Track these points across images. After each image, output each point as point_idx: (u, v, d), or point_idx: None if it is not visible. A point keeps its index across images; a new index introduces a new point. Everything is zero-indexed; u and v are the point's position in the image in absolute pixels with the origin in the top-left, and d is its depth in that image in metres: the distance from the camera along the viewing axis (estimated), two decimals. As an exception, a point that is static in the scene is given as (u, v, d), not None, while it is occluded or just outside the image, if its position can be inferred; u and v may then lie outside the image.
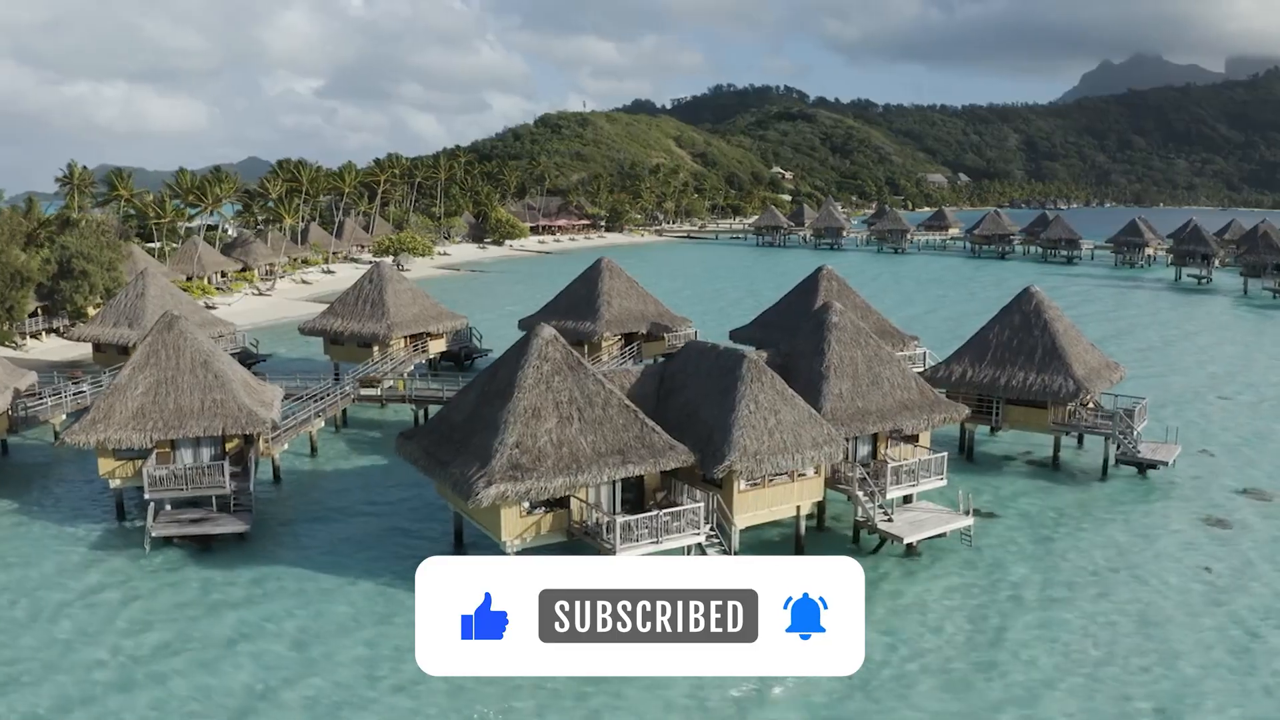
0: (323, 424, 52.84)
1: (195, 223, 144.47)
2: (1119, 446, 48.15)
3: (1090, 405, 51.52)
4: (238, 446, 43.19)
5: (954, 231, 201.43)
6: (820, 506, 41.05)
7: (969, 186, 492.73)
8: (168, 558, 38.62)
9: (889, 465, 38.13)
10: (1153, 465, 48.19)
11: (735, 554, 35.93)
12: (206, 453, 42.76)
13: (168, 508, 41.13)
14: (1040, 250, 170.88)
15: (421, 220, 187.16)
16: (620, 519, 32.23)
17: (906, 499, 40.20)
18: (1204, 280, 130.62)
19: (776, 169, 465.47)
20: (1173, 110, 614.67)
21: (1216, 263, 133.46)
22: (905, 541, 36.63)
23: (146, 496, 40.15)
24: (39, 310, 79.52)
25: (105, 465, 42.25)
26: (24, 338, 78.08)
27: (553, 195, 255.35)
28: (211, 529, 39.35)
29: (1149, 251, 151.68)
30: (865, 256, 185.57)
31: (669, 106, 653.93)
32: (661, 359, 60.59)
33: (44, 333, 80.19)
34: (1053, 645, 31.40)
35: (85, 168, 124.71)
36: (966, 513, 38.63)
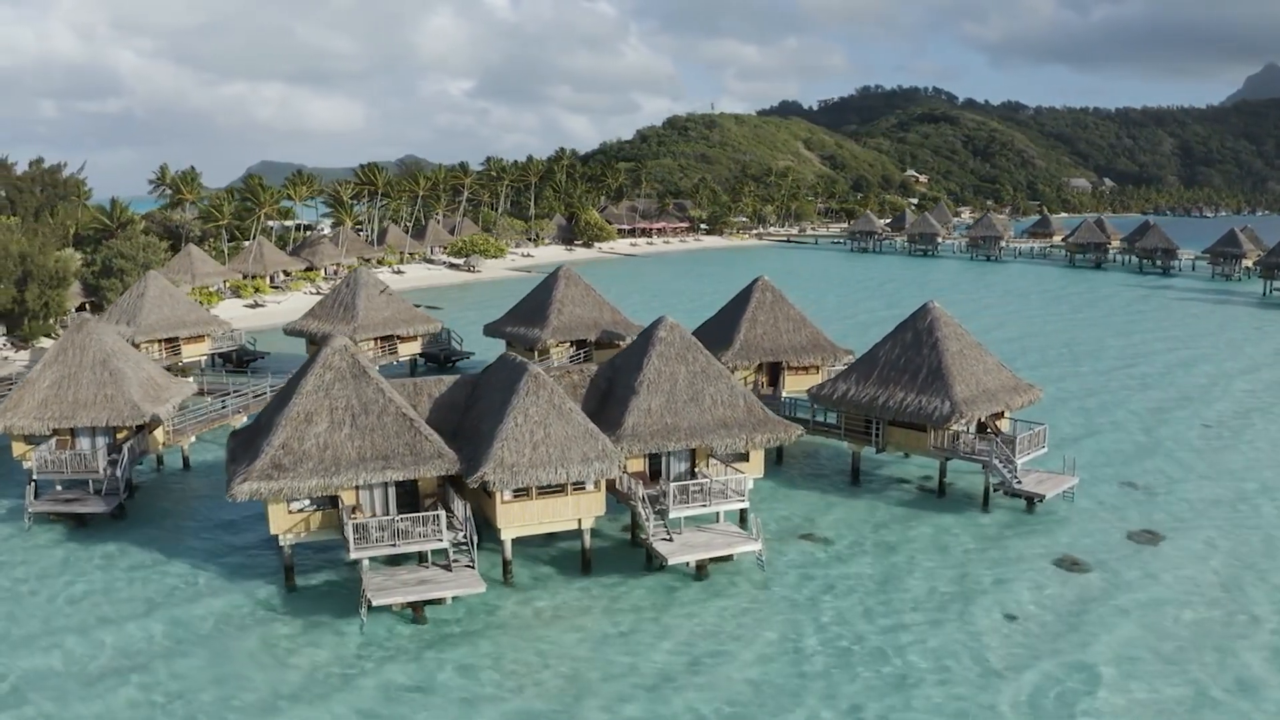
0: (245, 419, 56.84)
1: (290, 222, 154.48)
2: (999, 476, 46.24)
3: (992, 430, 49.89)
4: (128, 436, 47.53)
5: (1056, 239, 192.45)
6: (633, 519, 41.72)
7: (1112, 191, 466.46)
8: (44, 532, 43.52)
9: (673, 485, 38.42)
10: (1029, 497, 46.15)
11: (507, 562, 37.36)
12: (102, 441, 47.30)
13: (58, 488, 46.02)
14: (1137, 260, 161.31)
15: (510, 222, 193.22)
16: (355, 521, 34.17)
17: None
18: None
19: (911, 172, 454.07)
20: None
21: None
22: (671, 562, 36.92)
23: (34, 477, 44.98)
24: (85, 305, 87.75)
25: (18, 449, 47.31)
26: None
27: (651, 198, 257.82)
28: (78, 508, 43.78)
29: (1246, 263, 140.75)
30: (957, 264, 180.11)
31: (815, 108, 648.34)
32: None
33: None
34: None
35: (194, 168, 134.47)
36: (756, 537, 38.48)
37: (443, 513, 34.67)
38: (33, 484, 44.83)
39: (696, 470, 41.18)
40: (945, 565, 40.01)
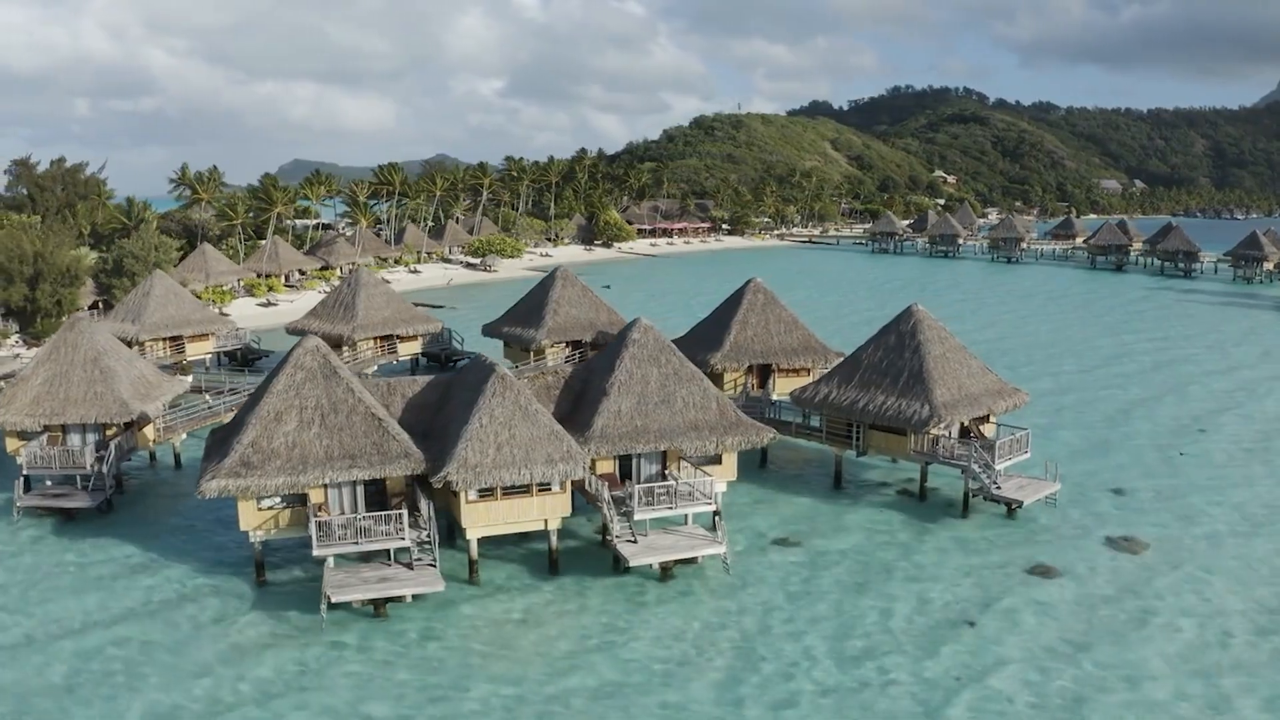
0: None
1: (311, 221, 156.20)
2: (978, 481, 45.94)
3: (976, 435, 49.64)
4: (117, 433, 48.48)
5: (1078, 241, 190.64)
6: (603, 521, 41.98)
7: (1142, 193, 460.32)
8: (32, 525, 44.73)
9: (638, 487, 38.60)
10: (1008, 503, 45.86)
11: (473, 561, 37.77)
12: (91, 437, 48.28)
13: (48, 483, 47.10)
14: (1158, 262, 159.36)
15: (529, 222, 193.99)
16: (319, 519, 34.72)
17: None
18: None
19: (939, 173, 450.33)
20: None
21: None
22: (633, 564, 37.12)
23: (24, 472, 46.06)
24: (98, 304, 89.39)
25: (10, 444, 48.45)
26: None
27: (674, 198, 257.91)
28: (65, 503, 44.86)
29: (1268, 266, 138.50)
30: (975, 266, 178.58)
31: (845, 108, 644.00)
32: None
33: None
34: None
35: (216, 167, 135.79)
36: (721, 540, 38.60)
37: (405, 511, 35.11)
38: (23, 478, 45.91)
39: (667, 472, 41.35)
40: (909, 569, 39.90)
